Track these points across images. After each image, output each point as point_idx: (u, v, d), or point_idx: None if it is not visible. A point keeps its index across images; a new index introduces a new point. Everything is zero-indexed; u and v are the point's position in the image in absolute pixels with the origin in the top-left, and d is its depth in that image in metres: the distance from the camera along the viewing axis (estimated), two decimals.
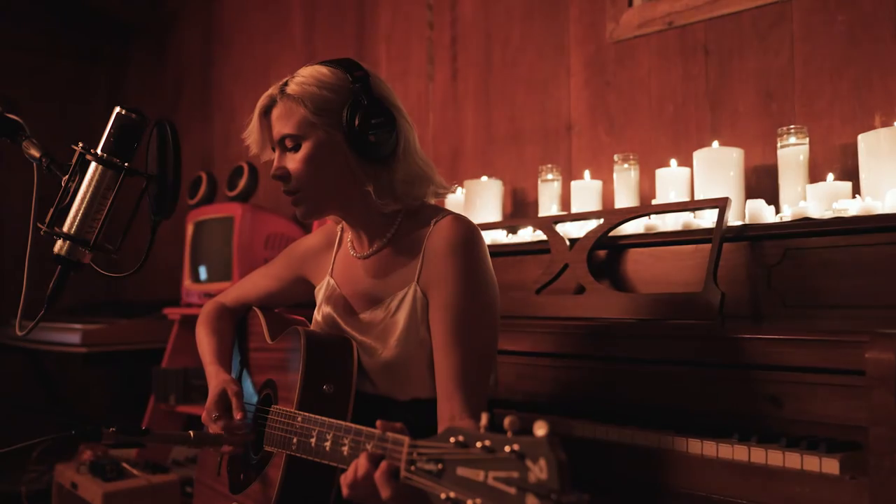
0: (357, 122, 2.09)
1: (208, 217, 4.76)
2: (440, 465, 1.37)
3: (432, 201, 2.28)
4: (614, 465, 2.36)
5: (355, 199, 2.18)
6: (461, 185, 3.65)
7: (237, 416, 2.17)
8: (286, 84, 2.15)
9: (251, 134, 2.23)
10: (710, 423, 2.24)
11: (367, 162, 2.13)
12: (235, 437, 2.17)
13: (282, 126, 2.14)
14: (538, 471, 1.18)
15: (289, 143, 2.14)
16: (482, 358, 2.09)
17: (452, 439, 1.34)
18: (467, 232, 2.13)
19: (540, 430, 1.20)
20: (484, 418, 1.32)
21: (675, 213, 2.75)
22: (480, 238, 2.15)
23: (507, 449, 1.23)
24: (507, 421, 1.25)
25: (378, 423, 1.65)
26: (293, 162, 2.14)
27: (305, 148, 2.12)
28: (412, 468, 1.45)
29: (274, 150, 2.20)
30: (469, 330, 2.06)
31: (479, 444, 1.29)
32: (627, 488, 2.37)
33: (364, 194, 2.16)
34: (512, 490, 1.21)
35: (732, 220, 2.60)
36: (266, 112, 2.19)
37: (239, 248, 4.38)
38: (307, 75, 2.15)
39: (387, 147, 2.13)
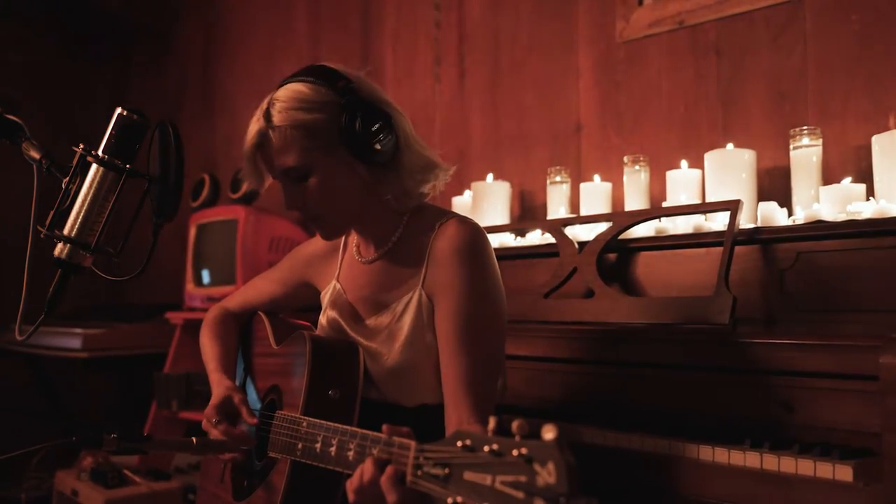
0: (358, 135, 2.04)
1: (211, 220, 4.74)
2: (447, 470, 1.35)
3: (440, 186, 2.25)
4: (624, 472, 2.35)
5: (369, 206, 2.16)
6: (468, 186, 3.64)
7: (252, 421, 2.15)
8: (270, 115, 2.06)
9: (248, 174, 2.18)
10: (721, 429, 2.22)
11: (377, 169, 2.10)
12: (240, 444, 2.15)
13: (283, 159, 2.07)
14: (546, 475, 1.18)
15: (295, 174, 2.08)
16: (489, 363, 2.07)
17: (459, 443, 1.33)
18: (472, 235, 2.10)
19: (548, 433, 1.19)
20: (492, 422, 1.30)
21: (686, 216, 2.73)
22: (486, 241, 2.13)
23: (514, 453, 1.22)
24: (514, 424, 1.24)
25: (384, 427, 1.63)
26: (306, 192, 2.09)
27: (316, 176, 2.07)
28: (419, 473, 1.43)
29: (275, 177, 2.14)
30: (475, 335, 2.04)
31: (486, 448, 1.28)
32: (638, 495, 2.35)
33: (378, 199, 2.14)
34: (520, 494, 1.20)
35: (744, 222, 2.58)
36: (259, 147, 2.11)
37: (242, 252, 4.36)
38: (289, 99, 2.06)
39: (391, 149, 2.09)
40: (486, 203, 3.49)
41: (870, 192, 2.54)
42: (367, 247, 2.27)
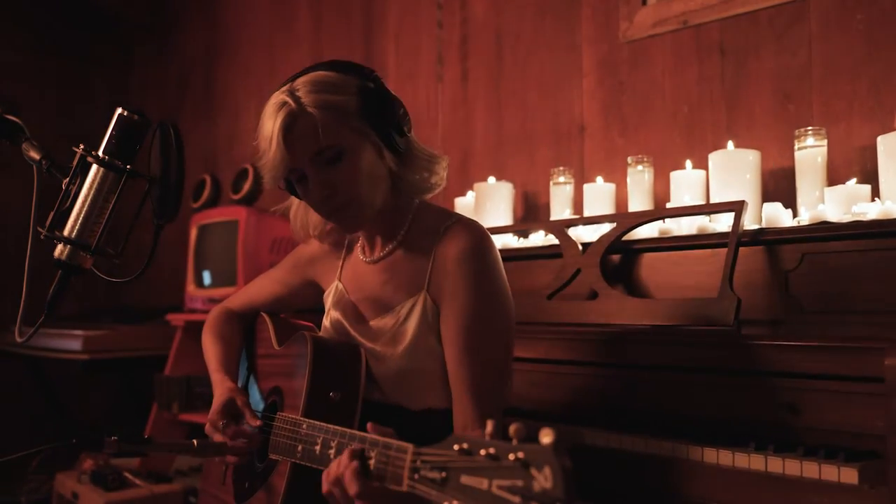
0: (388, 119, 2.06)
1: (212, 220, 4.73)
2: (444, 474, 1.35)
3: (445, 180, 2.24)
4: (628, 475, 2.35)
5: (386, 200, 2.15)
6: (471, 187, 3.63)
7: (255, 423, 2.14)
8: (299, 98, 2.00)
9: (273, 162, 2.03)
10: (725, 432, 2.21)
11: (401, 156, 2.10)
12: (239, 445, 2.14)
13: (316, 141, 1.99)
14: (543, 479, 1.18)
15: (328, 156, 2.01)
16: (497, 368, 2.06)
17: (457, 447, 1.33)
18: (478, 239, 2.09)
19: (546, 437, 1.19)
20: (489, 425, 1.30)
21: (690, 217, 2.71)
22: (492, 244, 2.11)
23: (511, 457, 1.22)
24: (512, 428, 1.24)
25: (368, 425, 1.66)
26: (339, 175, 2.03)
27: (349, 158, 2.03)
28: (416, 476, 1.43)
29: (292, 173, 2.07)
30: (483, 340, 2.04)
31: (483, 452, 1.28)
32: (642, 498, 2.34)
33: (395, 191, 2.15)
34: (516, 499, 1.20)
35: (749, 223, 2.57)
36: (288, 131, 2.00)
37: (244, 253, 4.35)
38: (315, 83, 2.03)
39: (409, 136, 2.12)
40: (489, 204, 3.48)
41: (875, 193, 2.52)
42: (373, 247, 2.26)
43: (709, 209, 2.66)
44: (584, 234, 2.92)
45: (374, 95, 2.06)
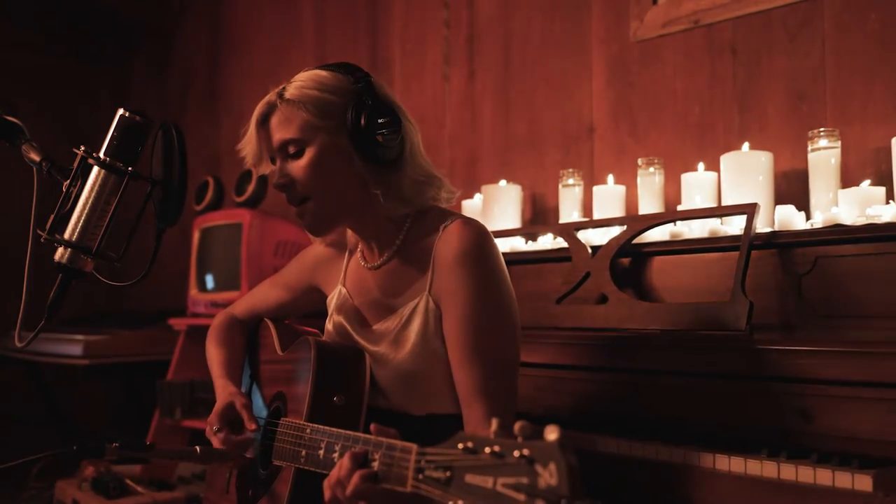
0: (362, 123, 2.04)
1: (215, 224, 4.70)
2: (448, 473, 1.35)
3: (443, 204, 2.23)
4: (638, 482, 2.33)
5: (364, 206, 2.14)
6: (479, 190, 3.61)
7: (251, 426, 2.12)
8: (284, 90, 2.11)
9: (248, 144, 2.19)
10: (737, 438, 2.19)
11: (374, 165, 2.08)
12: (241, 451, 2.12)
13: (283, 132, 2.09)
14: (548, 476, 1.18)
15: (291, 149, 2.10)
16: (503, 366, 2.05)
17: (461, 445, 1.33)
18: (477, 238, 2.07)
19: (551, 434, 1.19)
20: (494, 423, 1.29)
21: (702, 220, 2.69)
22: (491, 242, 2.10)
23: (516, 454, 1.22)
24: (517, 426, 1.24)
25: (372, 427, 1.66)
26: (297, 169, 2.09)
27: (310, 153, 2.08)
28: (420, 476, 1.43)
29: (273, 161, 2.16)
30: (486, 339, 2.02)
31: (487, 450, 1.27)
32: None
33: (373, 201, 2.11)
34: (521, 496, 1.21)
35: (761, 226, 2.55)
36: (264, 121, 2.14)
37: (247, 257, 4.32)
38: (306, 79, 2.11)
39: (394, 149, 2.08)
40: (496, 206, 3.46)
41: (889, 196, 2.52)
42: (372, 252, 2.24)
43: (721, 212, 2.64)
44: (593, 237, 2.90)
45: (358, 99, 2.06)
